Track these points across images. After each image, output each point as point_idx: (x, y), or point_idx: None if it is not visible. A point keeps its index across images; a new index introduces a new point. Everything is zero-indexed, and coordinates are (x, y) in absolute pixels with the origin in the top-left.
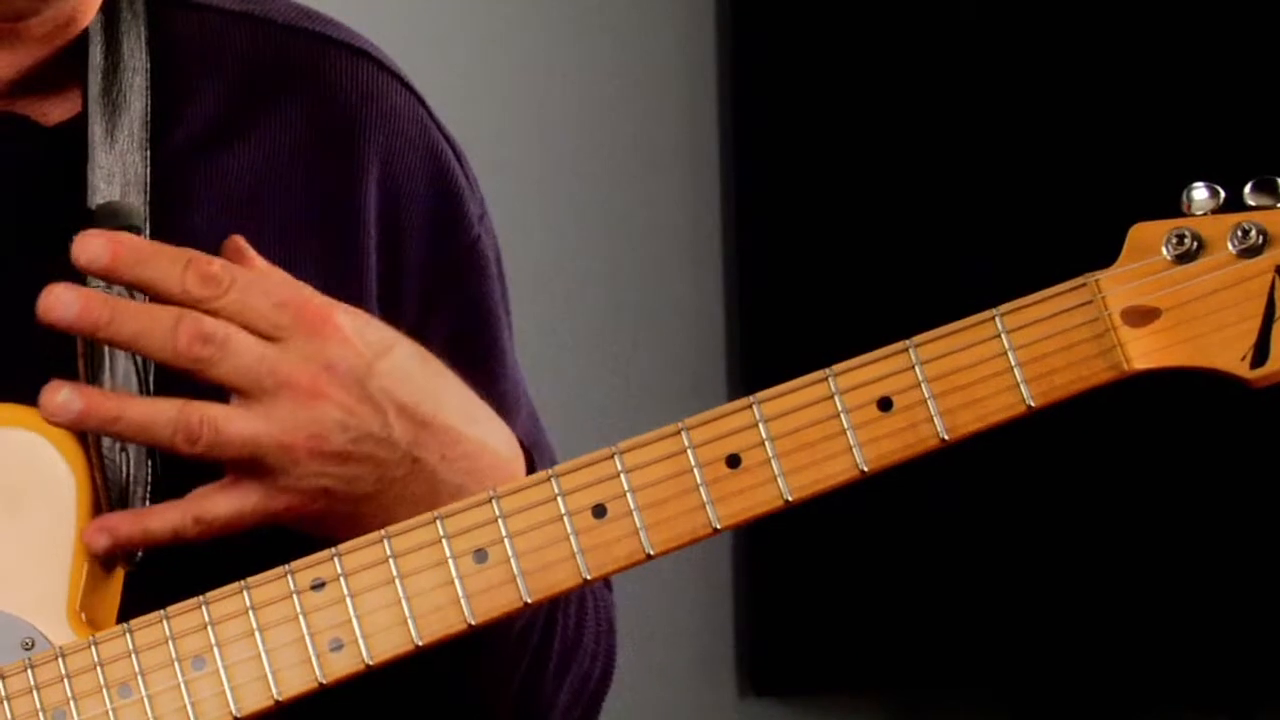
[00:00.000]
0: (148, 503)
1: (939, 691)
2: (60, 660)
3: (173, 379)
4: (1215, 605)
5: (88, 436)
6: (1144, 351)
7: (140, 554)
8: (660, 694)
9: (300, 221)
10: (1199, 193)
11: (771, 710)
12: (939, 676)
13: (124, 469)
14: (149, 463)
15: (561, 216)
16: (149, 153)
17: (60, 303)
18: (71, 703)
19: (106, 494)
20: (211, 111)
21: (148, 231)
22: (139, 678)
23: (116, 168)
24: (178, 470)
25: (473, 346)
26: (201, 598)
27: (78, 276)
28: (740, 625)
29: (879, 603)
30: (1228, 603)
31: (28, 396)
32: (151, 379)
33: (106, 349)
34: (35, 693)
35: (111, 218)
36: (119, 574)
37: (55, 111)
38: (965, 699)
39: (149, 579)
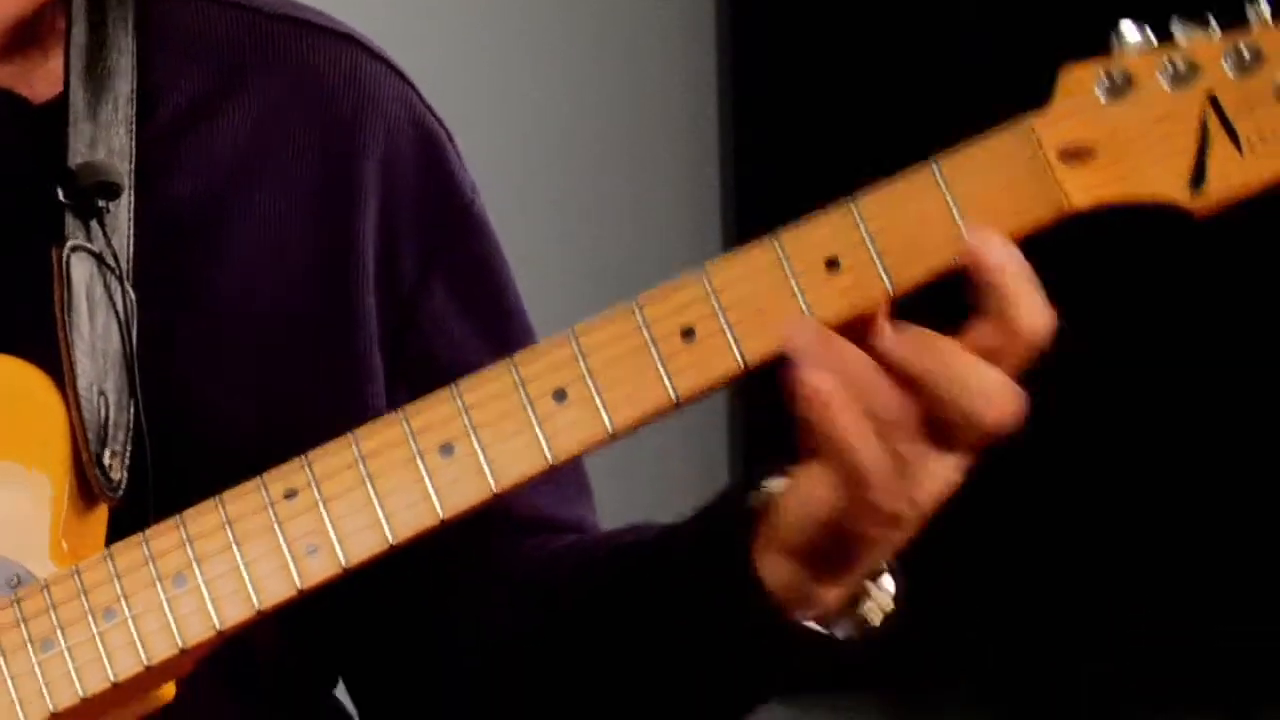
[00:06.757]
0: (128, 447)
1: (938, 691)
2: (45, 591)
3: (154, 331)
4: (1213, 605)
5: (64, 377)
6: (1083, 187)
7: (123, 488)
8: None
9: (286, 201)
10: (1127, 32)
11: (771, 710)
12: (938, 676)
13: (102, 411)
14: (130, 406)
15: (561, 216)
16: (134, 128)
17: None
18: (58, 631)
19: (85, 434)
20: (195, 92)
21: (131, 197)
22: (122, 600)
23: (100, 137)
24: (159, 415)
25: (479, 301)
26: (178, 516)
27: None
28: None
29: None
30: (1225, 603)
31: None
32: (134, 334)
33: (85, 305)
34: (23, 625)
35: (92, 174)
36: (102, 509)
37: (42, 85)
38: (964, 699)
39: (133, 513)
